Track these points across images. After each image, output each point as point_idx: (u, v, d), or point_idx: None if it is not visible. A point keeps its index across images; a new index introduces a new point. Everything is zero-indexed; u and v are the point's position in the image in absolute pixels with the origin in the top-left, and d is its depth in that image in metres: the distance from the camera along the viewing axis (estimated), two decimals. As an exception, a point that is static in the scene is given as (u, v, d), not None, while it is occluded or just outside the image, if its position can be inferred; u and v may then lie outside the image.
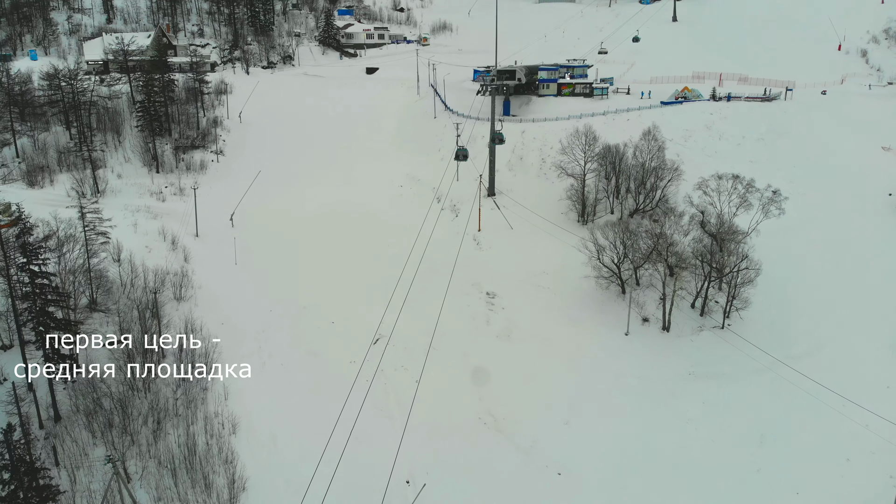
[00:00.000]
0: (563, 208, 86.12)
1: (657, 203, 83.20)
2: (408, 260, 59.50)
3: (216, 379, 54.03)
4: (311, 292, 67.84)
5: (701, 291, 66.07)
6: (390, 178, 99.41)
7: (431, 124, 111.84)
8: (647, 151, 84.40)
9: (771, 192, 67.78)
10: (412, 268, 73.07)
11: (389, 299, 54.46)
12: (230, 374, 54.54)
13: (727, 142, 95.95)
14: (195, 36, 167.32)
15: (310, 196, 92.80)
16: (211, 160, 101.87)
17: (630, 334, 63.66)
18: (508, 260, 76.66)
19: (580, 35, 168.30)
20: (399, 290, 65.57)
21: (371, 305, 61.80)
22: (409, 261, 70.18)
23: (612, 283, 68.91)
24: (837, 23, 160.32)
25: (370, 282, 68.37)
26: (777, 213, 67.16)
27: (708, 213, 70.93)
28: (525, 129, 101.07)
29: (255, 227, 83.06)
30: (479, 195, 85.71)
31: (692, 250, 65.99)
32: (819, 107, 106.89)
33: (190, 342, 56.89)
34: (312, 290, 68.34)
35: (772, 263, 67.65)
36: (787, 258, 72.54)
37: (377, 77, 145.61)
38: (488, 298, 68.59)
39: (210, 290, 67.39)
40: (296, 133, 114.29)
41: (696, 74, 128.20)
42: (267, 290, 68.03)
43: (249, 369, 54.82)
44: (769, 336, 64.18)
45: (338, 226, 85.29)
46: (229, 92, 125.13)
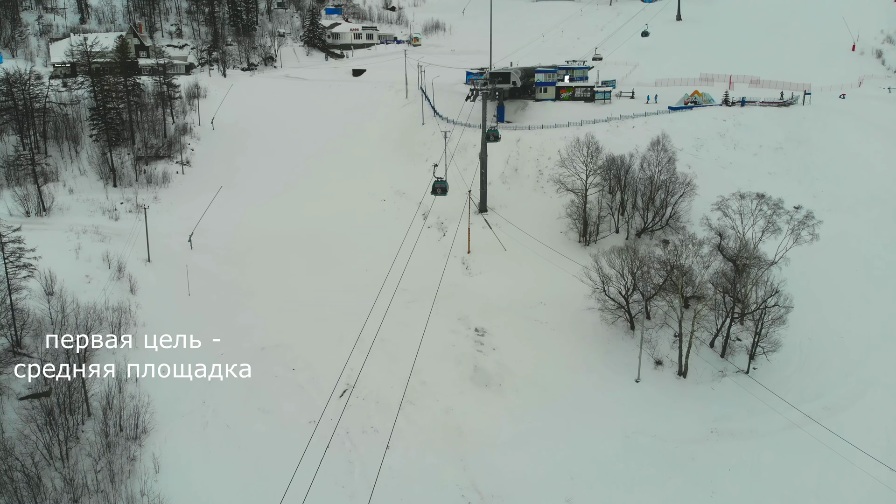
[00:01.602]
0: (562, 227, 77.25)
1: (667, 221, 74.43)
2: (383, 288, 50.79)
3: (147, 446, 45.07)
4: (272, 330, 58.93)
5: (722, 329, 57.21)
6: (373, 191, 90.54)
7: (419, 131, 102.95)
8: (655, 163, 75.65)
9: (803, 213, 58.78)
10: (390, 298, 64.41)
11: (360, 338, 45.64)
12: (165, 440, 45.61)
13: (743, 151, 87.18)
14: (173, 36, 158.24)
15: (282, 212, 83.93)
16: (175, 172, 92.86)
17: (641, 381, 54.77)
18: (501, 288, 67.81)
19: (580, 35, 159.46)
20: (372, 326, 56.94)
21: (341, 346, 52.52)
22: (386, 289, 61.52)
23: (619, 317, 60.09)
24: (849, 22, 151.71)
25: (342, 316, 59.24)
26: (809, 239, 58.26)
27: (726, 236, 62.22)
28: (520, 136, 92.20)
29: (217, 250, 74.24)
30: (469, 213, 76.78)
31: (712, 281, 57.26)
32: (839, 112, 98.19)
33: (119, 398, 48.03)
34: (274, 326, 59.43)
35: (797, 291, 58.78)
36: (812, 285, 63.51)
37: (364, 79, 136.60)
38: (477, 336, 59.64)
39: (155, 329, 58.33)
40: (272, 141, 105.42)
41: (703, 76, 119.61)
42: (221, 326, 59.01)
43: (187, 432, 45.85)
44: (800, 382, 55.55)
45: (311, 247, 76.49)
46: (203, 96, 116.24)
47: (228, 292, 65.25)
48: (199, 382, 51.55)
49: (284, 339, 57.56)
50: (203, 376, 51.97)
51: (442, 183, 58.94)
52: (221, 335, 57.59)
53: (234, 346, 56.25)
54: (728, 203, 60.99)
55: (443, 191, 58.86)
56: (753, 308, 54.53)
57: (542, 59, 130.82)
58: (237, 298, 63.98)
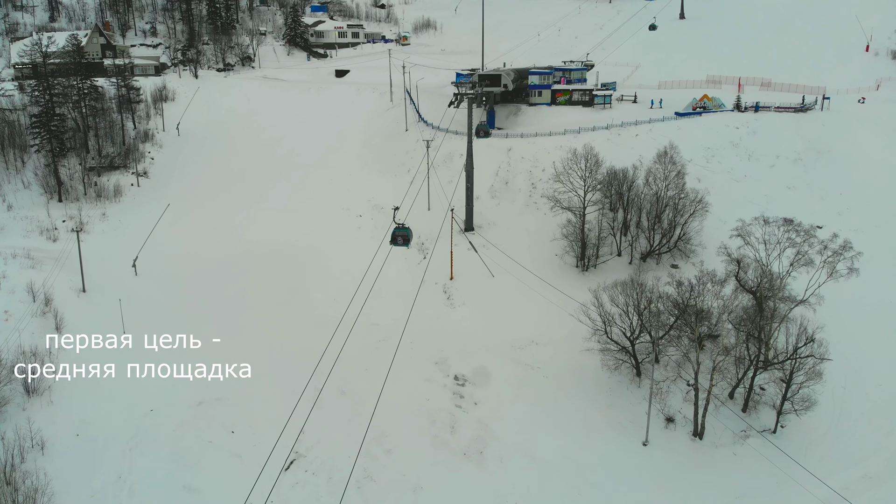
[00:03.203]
0: (557, 249, 68.56)
1: (676, 243, 65.83)
2: (346, 323, 42.01)
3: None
4: (213, 378, 50.09)
5: (744, 379, 48.54)
6: (349, 205, 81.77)
7: (402, 138, 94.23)
8: (662, 177, 67.01)
9: (838, 242, 50.03)
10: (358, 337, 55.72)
11: (316, 390, 36.96)
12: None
13: (758, 163, 78.54)
14: (147, 35, 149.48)
15: (245, 232, 75.33)
16: (130, 184, 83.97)
17: (650, 443, 46.02)
18: (486, 322, 59.14)
19: (578, 33, 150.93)
20: (333, 374, 48.24)
21: (293, 400, 44.12)
22: (353, 324, 52.71)
23: (623, 362, 51.39)
24: (860, 21, 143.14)
25: (300, 360, 50.46)
26: (846, 273, 49.51)
27: (745, 263, 53.58)
28: (512, 145, 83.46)
29: (164, 276, 65.51)
30: (452, 234, 68.03)
31: (731, 321, 48.64)
32: (860, 118, 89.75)
33: (17, 472, 39.33)
34: (217, 374, 50.59)
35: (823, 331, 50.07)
36: (841, 321, 54.62)
37: (347, 81, 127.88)
38: (456, 386, 50.84)
39: (77, 375, 49.67)
40: (242, 149, 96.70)
41: (710, 79, 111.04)
42: (155, 374, 50.27)
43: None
44: (835, 442, 47.07)
45: (274, 272, 67.86)
46: (171, 99, 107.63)
47: (168, 328, 56.32)
48: (118, 450, 42.80)
49: (227, 390, 48.77)
50: (123, 444, 43.25)
51: (403, 230, 44.58)
52: (153, 386, 48.94)
53: (166, 400, 47.51)
54: (750, 229, 52.25)
55: (404, 240, 44.66)
56: (783, 358, 45.78)
57: (538, 59, 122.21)
58: (177, 335, 55.11)
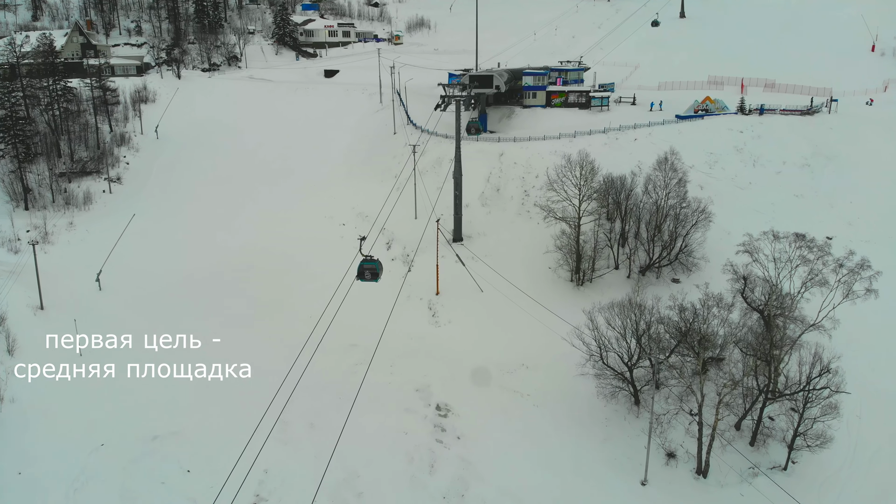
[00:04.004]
0: (550, 262, 64.46)
1: (677, 256, 61.77)
2: (323, 342, 38.04)
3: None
4: (173, 409, 45.89)
5: (752, 409, 44.45)
6: (332, 213, 77.65)
7: (389, 142, 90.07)
8: (662, 185, 62.97)
9: (855, 260, 45.92)
10: (333, 360, 51.70)
11: (283, 422, 32.87)
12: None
13: (764, 169, 74.45)
14: (132, 34, 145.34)
15: (219, 243, 71.23)
16: (102, 191, 79.75)
17: (649, 483, 41.90)
18: (474, 343, 55.01)
19: (575, 33, 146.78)
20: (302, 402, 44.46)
21: (259, 434, 40.06)
22: (330, 345, 48.77)
23: (620, 389, 47.27)
24: (865, 20, 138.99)
25: (268, 386, 46.30)
26: (863, 295, 45.36)
27: (752, 281, 49.54)
28: (504, 150, 79.32)
29: (130, 291, 61.38)
30: (438, 245, 63.87)
31: (738, 343, 44.63)
32: (869, 121, 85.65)
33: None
34: (177, 404, 46.39)
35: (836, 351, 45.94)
36: (854, 343, 50.39)
37: (336, 81, 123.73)
38: (438, 417, 46.65)
39: (27, 405, 45.62)
40: (224, 153, 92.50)
41: (712, 79, 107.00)
42: (110, 404, 46.17)
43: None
44: (852, 479, 43.07)
45: (249, 286, 63.82)
46: (151, 100, 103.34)
47: (130, 350, 52.20)
48: (61, 492, 38.67)
49: (186, 423, 44.56)
50: (68, 484, 39.13)
51: (371, 264, 38.44)
52: (107, 418, 44.81)
53: (119, 433, 43.36)
54: (758, 245, 48.15)
55: (372, 275, 38.56)
56: (796, 390, 41.68)
57: (534, 59, 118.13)
58: (138, 360, 50.93)
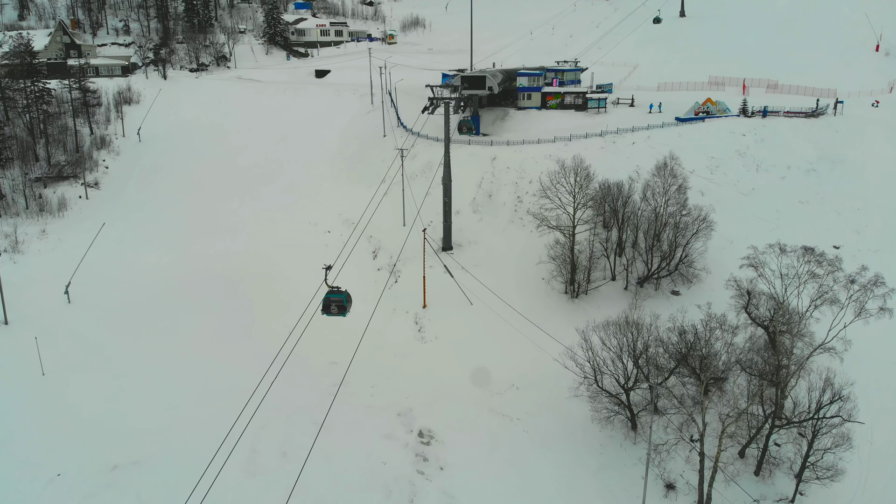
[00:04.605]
0: (544, 272, 61.35)
1: (677, 266, 58.67)
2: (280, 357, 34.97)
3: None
4: (133, 435, 42.72)
5: (757, 436, 41.34)
6: (316, 220, 74.55)
7: (379, 145, 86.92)
8: (662, 192, 59.87)
9: (868, 276, 42.75)
10: (311, 381, 48.72)
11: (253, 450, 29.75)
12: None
13: (767, 174, 71.32)
14: (119, 33, 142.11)
15: (197, 250, 68.13)
16: (78, 196, 76.59)
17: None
18: (461, 361, 51.79)
19: (573, 32, 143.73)
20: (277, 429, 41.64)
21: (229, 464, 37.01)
22: (308, 361, 46.53)
23: (616, 413, 44.16)
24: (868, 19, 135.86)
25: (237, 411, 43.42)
26: (876, 313, 42.22)
27: (756, 296, 46.47)
28: (497, 154, 76.12)
29: (102, 304, 58.33)
30: (424, 259, 60.66)
31: (742, 363, 41.53)
32: (876, 123, 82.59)
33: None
34: (141, 429, 43.22)
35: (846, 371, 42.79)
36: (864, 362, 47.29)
37: (327, 82, 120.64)
38: (420, 444, 43.45)
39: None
40: (208, 156, 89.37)
41: (713, 80, 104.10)
42: (70, 428, 43.12)
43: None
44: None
45: (225, 298, 60.67)
46: (135, 102, 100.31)
47: (96, 369, 49.13)
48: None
49: (149, 451, 41.39)
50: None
51: (338, 297, 34.70)
52: (66, 445, 41.72)
53: (77, 462, 40.24)
54: (764, 259, 45.00)
55: (339, 309, 35.09)
56: (805, 417, 38.56)
57: (531, 59, 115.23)
58: (102, 378, 47.83)
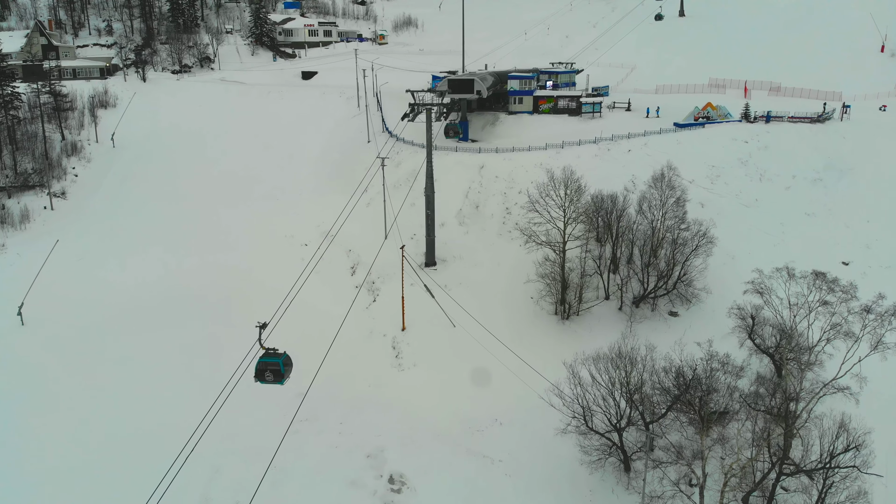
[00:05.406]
0: (532, 291, 57.27)
1: (675, 285, 54.59)
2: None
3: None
4: (71, 481, 38.62)
5: (763, 482, 37.26)
6: (293, 232, 70.42)
7: (362, 151, 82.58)
8: (659, 204, 55.80)
9: (885, 306, 38.68)
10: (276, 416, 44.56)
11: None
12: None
13: (771, 184, 67.28)
14: (102, 34, 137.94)
15: (165, 266, 63.99)
16: (43, 207, 72.46)
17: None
18: (440, 392, 47.77)
19: (569, 32, 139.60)
20: (233, 473, 37.73)
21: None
22: (271, 396, 42.59)
23: (608, 456, 40.09)
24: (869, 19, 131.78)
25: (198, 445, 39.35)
26: (894, 346, 38.14)
27: (760, 322, 42.53)
28: (485, 162, 72.11)
29: (59, 326, 54.31)
30: (403, 278, 56.44)
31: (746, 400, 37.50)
32: (885, 129, 78.55)
33: None
34: (77, 472, 39.14)
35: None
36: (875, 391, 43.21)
37: (314, 84, 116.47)
38: (391, 492, 39.31)
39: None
40: (185, 163, 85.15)
41: (713, 82, 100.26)
42: (8, 469, 39.00)
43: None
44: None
45: (192, 318, 56.50)
46: (111, 105, 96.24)
47: (40, 402, 45.02)
48: None
49: (91, 498, 37.32)
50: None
51: (273, 362, 30.32)
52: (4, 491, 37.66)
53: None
54: (770, 284, 40.96)
55: (274, 376, 30.67)
56: (816, 466, 34.51)
57: (525, 60, 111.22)
58: (47, 416, 43.71)
